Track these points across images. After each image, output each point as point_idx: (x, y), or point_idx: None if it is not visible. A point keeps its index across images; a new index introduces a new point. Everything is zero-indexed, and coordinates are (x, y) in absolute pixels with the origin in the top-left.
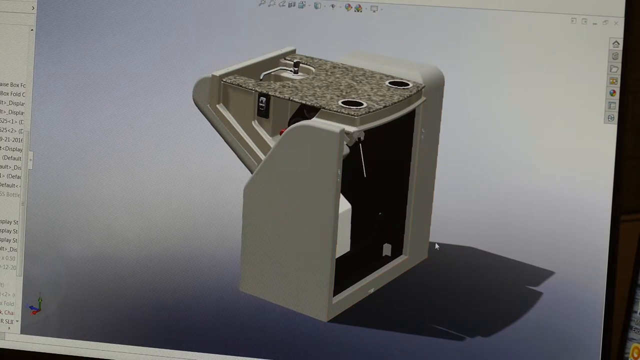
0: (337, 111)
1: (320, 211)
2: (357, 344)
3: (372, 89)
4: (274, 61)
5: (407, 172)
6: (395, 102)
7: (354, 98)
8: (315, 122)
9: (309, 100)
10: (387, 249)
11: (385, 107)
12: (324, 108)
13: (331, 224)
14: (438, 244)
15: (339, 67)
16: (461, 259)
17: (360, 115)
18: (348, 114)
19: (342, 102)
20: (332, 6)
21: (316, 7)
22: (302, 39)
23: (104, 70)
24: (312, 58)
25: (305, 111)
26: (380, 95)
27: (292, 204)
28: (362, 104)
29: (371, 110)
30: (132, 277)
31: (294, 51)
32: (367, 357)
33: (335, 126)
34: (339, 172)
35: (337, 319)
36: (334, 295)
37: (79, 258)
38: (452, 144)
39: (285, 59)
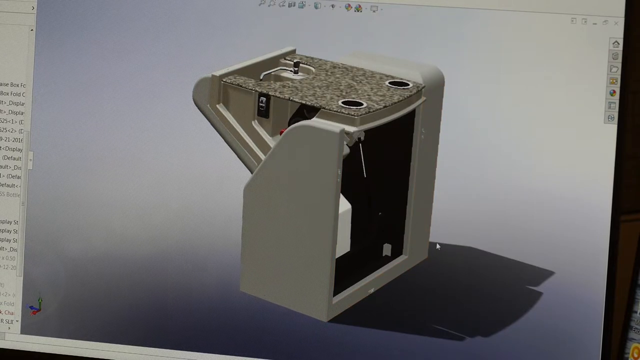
0: (337, 111)
1: (321, 211)
2: (357, 344)
3: (372, 89)
4: (274, 61)
5: (407, 172)
6: (395, 102)
7: (354, 98)
8: (315, 122)
9: (309, 100)
10: (387, 249)
11: (385, 107)
12: (324, 108)
13: (331, 224)
14: (439, 244)
15: (339, 67)
16: (461, 259)
17: (360, 115)
18: (348, 114)
19: (342, 102)
20: (332, 6)
21: (316, 7)
22: (302, 39)
23: (103, 70)
24: (312, 58)
25: (305, 111)
26: (380, 95)
27: (292, 204)
28: (362, 104)
29: (371, 110)
30: (132, 277)
31: (294, 51)
32: (367, 357)
33: (335, 126)
34: (339, 172)
35: (337, 319)
36: (334, 295)
37: (79, 258)
38: (452, 144)
39: (285, 59)
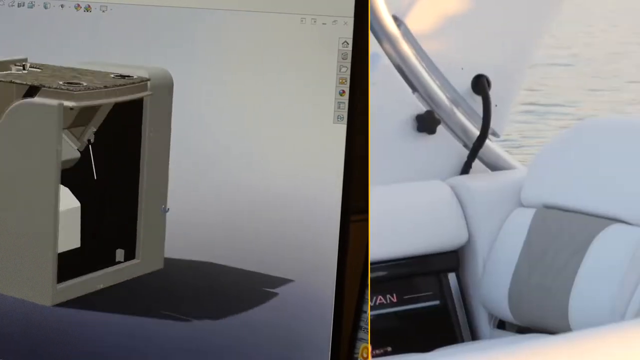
0: (56, 88)
1: (41, 190)
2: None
3: (95, 77)
4: (3, 65)
5: (137, 174)
6: (117, 86)
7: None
8: (35, 99)
9: (30, 81)
10: (120, 255)
11: (105, 87)
12: (44, 86)
13: (52, 201)
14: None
15: (68, 68)
16: (194, 260)
17: (79, 91)
18: (67, 89)
19: (64, 83)
20: (62, 6)
21: (45, 7)
22: (33, 40)
23: None
24: (44, 65)
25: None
26: (104, 81)
27: (13, 184)
28: (83, 84)
29: (90, 88)
30: None
31: (25, 59)
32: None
33: (54, 101)
34: (60, 147)
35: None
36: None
37: None
38: (182, 145)
39: (16, 65)
